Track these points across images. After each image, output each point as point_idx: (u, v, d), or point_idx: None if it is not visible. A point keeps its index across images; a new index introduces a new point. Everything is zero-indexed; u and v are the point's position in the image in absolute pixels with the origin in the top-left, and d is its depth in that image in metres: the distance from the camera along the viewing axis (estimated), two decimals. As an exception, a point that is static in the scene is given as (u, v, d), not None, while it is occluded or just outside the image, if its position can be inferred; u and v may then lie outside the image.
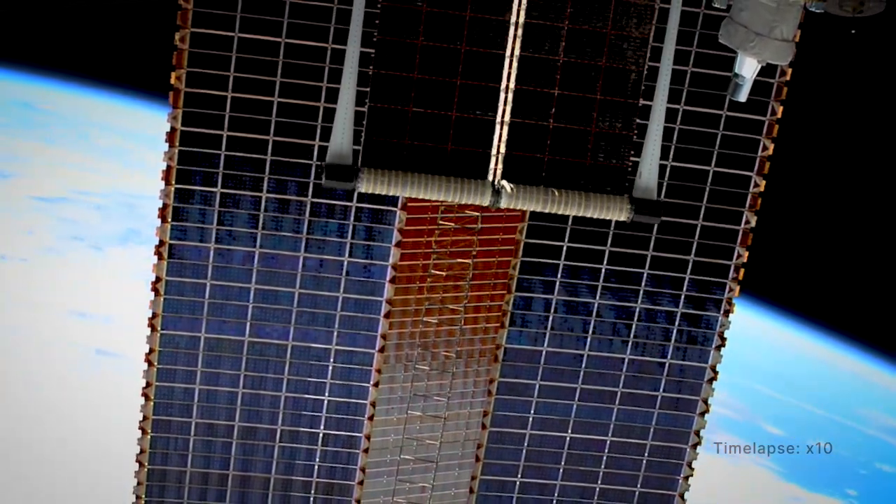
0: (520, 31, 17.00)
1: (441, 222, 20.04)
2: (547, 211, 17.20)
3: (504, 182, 17.09)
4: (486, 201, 16.97)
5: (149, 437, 20.87)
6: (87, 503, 50.65)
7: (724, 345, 21.23)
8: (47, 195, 63.37)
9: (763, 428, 62.80)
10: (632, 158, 17.39)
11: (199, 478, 21.20)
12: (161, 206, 19.46)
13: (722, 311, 21.00)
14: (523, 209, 18.57)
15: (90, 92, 67.25)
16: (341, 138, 16.67)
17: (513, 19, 16.94)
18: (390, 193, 16.92)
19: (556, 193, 17.07)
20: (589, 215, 17.09)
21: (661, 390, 21.48)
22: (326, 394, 20.89)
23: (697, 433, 21.78)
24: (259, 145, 19.21)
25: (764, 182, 20.13)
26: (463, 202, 17.31)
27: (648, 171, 17.16)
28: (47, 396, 53.61)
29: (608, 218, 17.12)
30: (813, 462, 60.96)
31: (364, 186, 16.82)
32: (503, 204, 16.99)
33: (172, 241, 19.68)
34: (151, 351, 20.32)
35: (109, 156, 66.22)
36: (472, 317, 20.89)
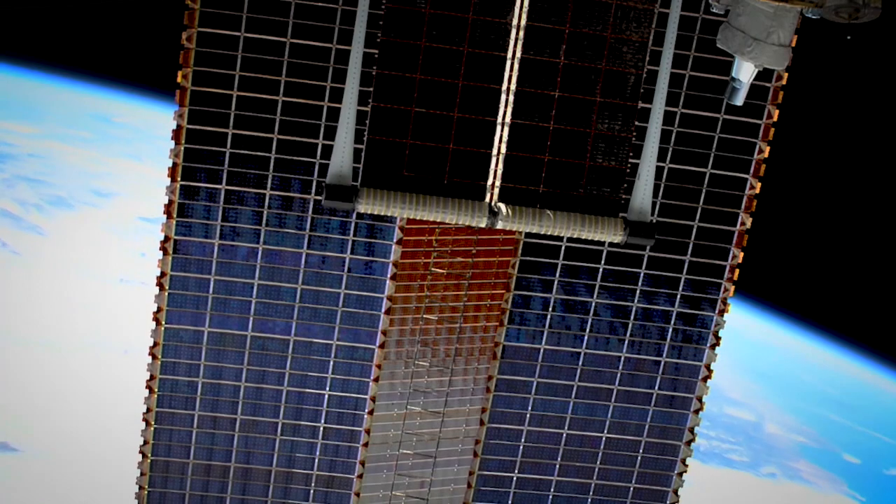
0: (521, 34, 17.08)
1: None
2: (542, 232, 17.35)
3: (500, 204, 17.24)
4: (482, 223, 17.08)
5: (152, 428, 21.07)
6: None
7: (718, 343, 21.43)
8: (150, 215, 61.85)
9: (841, 457, 62.82)
10: (630, 160, 17.54)
11: (201, 469, 21.39)
12: (166, 202, 19.69)
13: (717, 311, 21.19)
14: (519, 230, 18.76)
15: (156, 103, 66.13)
16: (342, 158, 16.78)
17: (514, 22, 17.06)
18: (388, 214, 17.03)
19: (552, 215, 17.22)
20: (584, 237, 17.23)
21: (657, 388, 21.68)
22: (327, 388, 21.09)
23: (692, 430, 22.00)
24: (263, 143, 19.42)
25: (759, 184, 20.30)
26: (460, 223, 17.41)
27: (643, 193, 17.27)
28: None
29: (603, 240, 17.25)
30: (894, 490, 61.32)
31: (363, 207, 16.93)
32: (499, 225, 17.10)
33: (177, 237, 19.89)
34: (155, 344, 20.52)
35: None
36: (471, 314, 21.08)
